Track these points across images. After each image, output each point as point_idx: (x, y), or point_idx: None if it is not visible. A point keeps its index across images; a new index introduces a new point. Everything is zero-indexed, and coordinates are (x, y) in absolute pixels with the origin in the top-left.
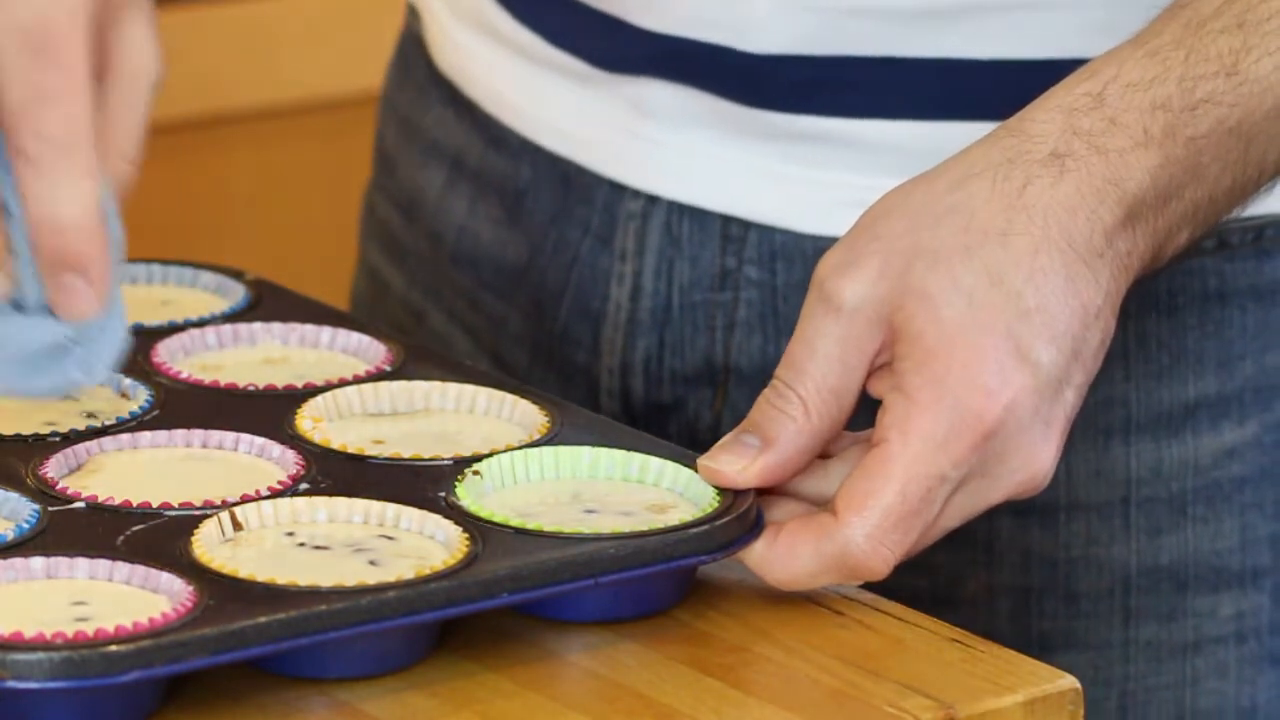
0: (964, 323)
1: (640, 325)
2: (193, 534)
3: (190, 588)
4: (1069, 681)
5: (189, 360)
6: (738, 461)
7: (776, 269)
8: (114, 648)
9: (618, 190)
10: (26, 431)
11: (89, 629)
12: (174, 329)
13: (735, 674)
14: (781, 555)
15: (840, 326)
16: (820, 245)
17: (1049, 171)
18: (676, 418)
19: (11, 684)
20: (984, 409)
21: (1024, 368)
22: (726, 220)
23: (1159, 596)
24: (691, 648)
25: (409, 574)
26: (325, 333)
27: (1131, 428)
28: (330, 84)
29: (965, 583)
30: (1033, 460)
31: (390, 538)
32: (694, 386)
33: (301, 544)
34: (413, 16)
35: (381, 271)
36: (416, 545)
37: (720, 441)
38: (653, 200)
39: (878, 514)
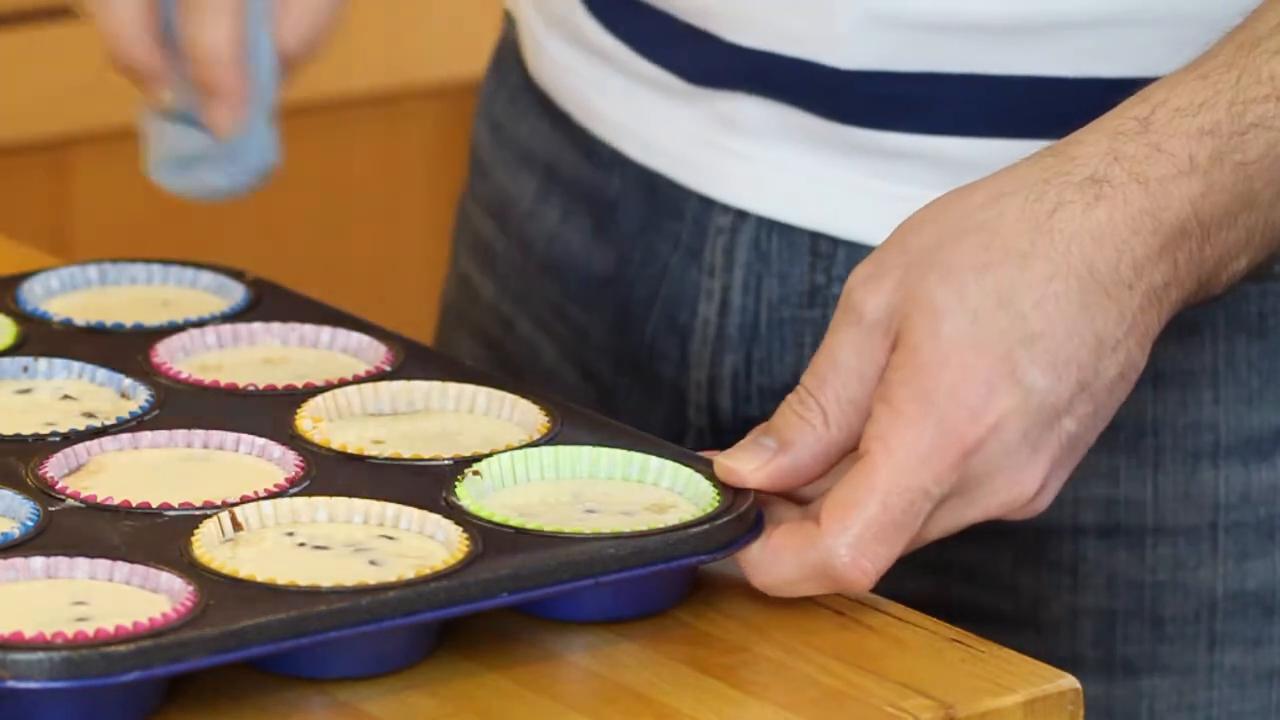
0: (962, 340)
1: (728, 340)
2: (192, 534)
3: (190, 587)
4: (1069, 681)
5: (189, 360)
6: (752, 461)
7: None
8: (114, 648)
9: (706, 204)
10: (26, 432)
11: (89, 629)
12: (174, 329)
13: (735, 674)
14: (767, 560)
15: (859, 337)
16: None
17: (1083, 196)
18: None
19: (12, 684)
20: (967, 429)
21: (1015, 391)
22: (815, 237)
23: (1245, 622)
24: (691, 648)
25: (409, 574)
26: (325, 333)
27: (1220, 451)
28: (334, 84)
29: (1049, 605)
30: (1015, 484)
31: (390, 538)
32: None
33: (301, 544)
34: (509, 24)
35: (473, 278)
36: (417, 545)
37: (740, 442)
38: (742, 215)
39: (859, 525)
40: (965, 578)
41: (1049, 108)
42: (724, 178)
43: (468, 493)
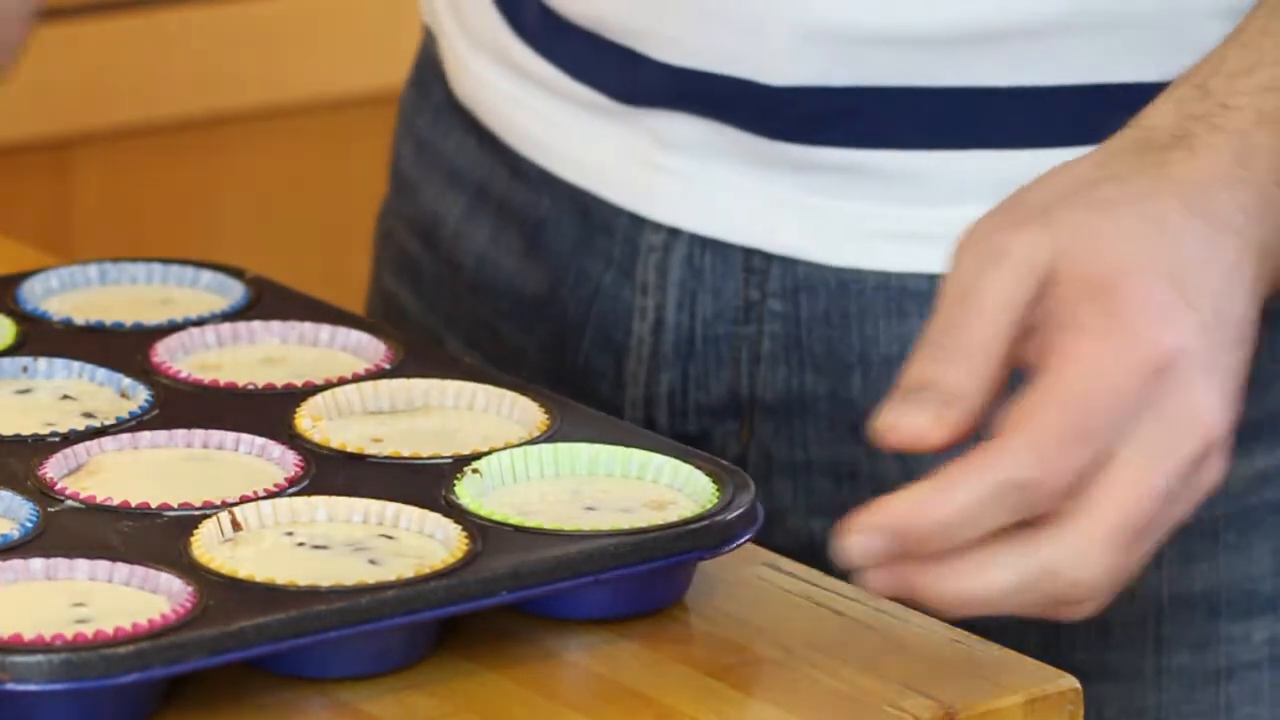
0: (1131, 261)
1: (664, 359)
2: (192, 534)
3: (190, 588)
4: (1069, 681)
5: (188, 359)
6: (921, 416)
7: (800, 301)
8: (113, 649)
9: (638, 223)
10: (26, 432)
11: (88, 630)
12: (173, 328)
13: (735, 674)
14: (939, 488)
15: (1006, 275)
16: (844, 277)
17: (1179, 150)
18: (703, 450)
19: (11, 686)
20: (1157, 341)
21: (1191, 312)
22: (749, 253)
23: (1191, 625)
24: (691, 648)
25: (408, 573)
26: (325, 330)
27: None
28: (332, 85)
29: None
30: (1208, 404)
31: (390, 537)
32: (719, 419)
33: (301, 544)
34: (429, 39)
35: (398, 296)
36: (416, 544)
37: (889, 405)
38: (674, 233)
39: (1048, 434)
40: None
41: (983, 118)
42: (655, 196)
43: (467, 491)
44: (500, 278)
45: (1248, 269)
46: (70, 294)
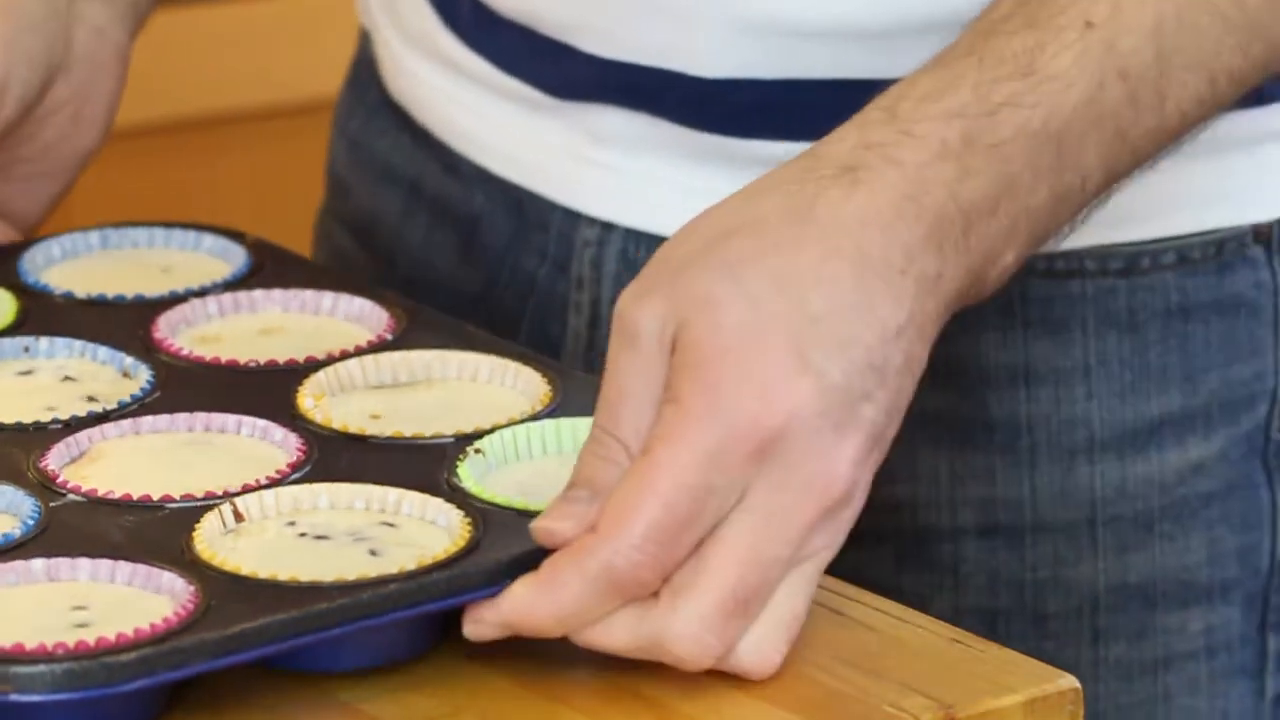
0: (745, 328)
1: (599, 353)
2: (194, 528)
3: (192, 587)
4: (1069, 681)
5: (190, 331)
6: (569, 518)
7: None
8: (115, 657)
9: (572, 217)
10: (27, 419)
11: (90, 635)
12: (175, 299)
13: (735, 674)
14: (544, 588)
15: (640, 358)
16: None
17: (839, 185)
18: None
19: (15, 698)
20: (761, 416)
21: (807, 375)
22: None
23: (1128, 615)
24: None
25: (410, 564)
26: (327, 298)
27: (1095, 447)
28: (330, 85)
29: (930, 606)
30: (827, 468)
31: (391, 524)
32: None
33: (303, 534)
34: (365, 40)
35: None
36: (418, 532)
37: (551, 502)
38: (609, 227)
39: (640, 527)
40: (850, 581)
41: None
42: (589, 190)
43: (469, 473)
44: (436, 275)
45: (909, 306)
46: (72, 262)
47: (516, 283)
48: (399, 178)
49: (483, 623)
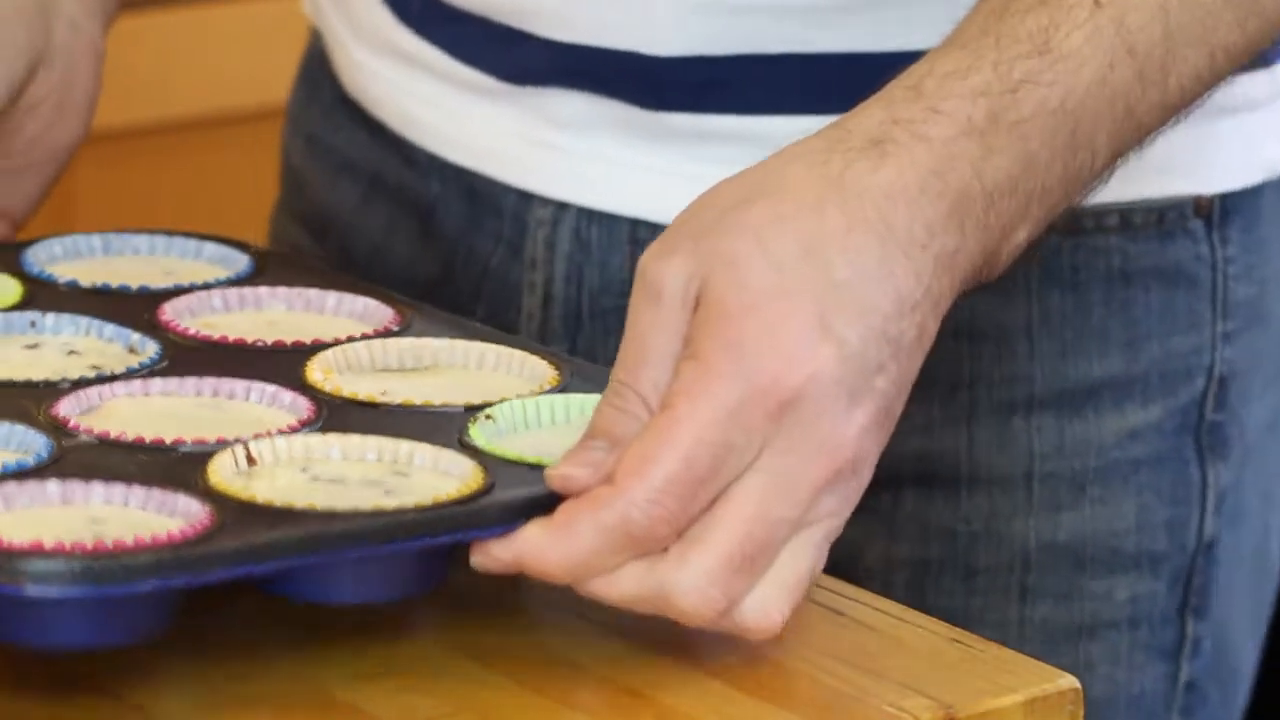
0: (770, 289)
1: (553, 333)
2: (207, 465)
3: (207, 508)
4: (1069, 681)
5: (195, 321)
6: (586, 467)
7: None
8: (133, 558)
9: (525, 199)
10: (37, 378)
11: (108, 540)
12: (180, 290)
13: (735, 674)
14: (558, 534)
15: (662, 314)
16: None
17: (868, 157)
18: None
19: (32, 590)
20: (782, 376)
21: (828, 340)
22: (635, 224)
23: (1057, 575)
24: (691, 648)
25: (426, 503)
26: (331, 297)
27: (1034, 404)
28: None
29: (864, 554)
30: (838, 434)
31: (404, 474)
32: None
33: (316, 478)
34: (316, 37)
35: None
36: (431, 481)
37: (569, 450)
38: (562, 207)
39: (659, 480)
40: None
41: (864, 83)
42: (543, 171)
43: (480, 434)
44: (394, 265)
45: (927, 281)
46: (74, 262)
47: (472, 266)
48: (358, 171)
49: (491, 556)
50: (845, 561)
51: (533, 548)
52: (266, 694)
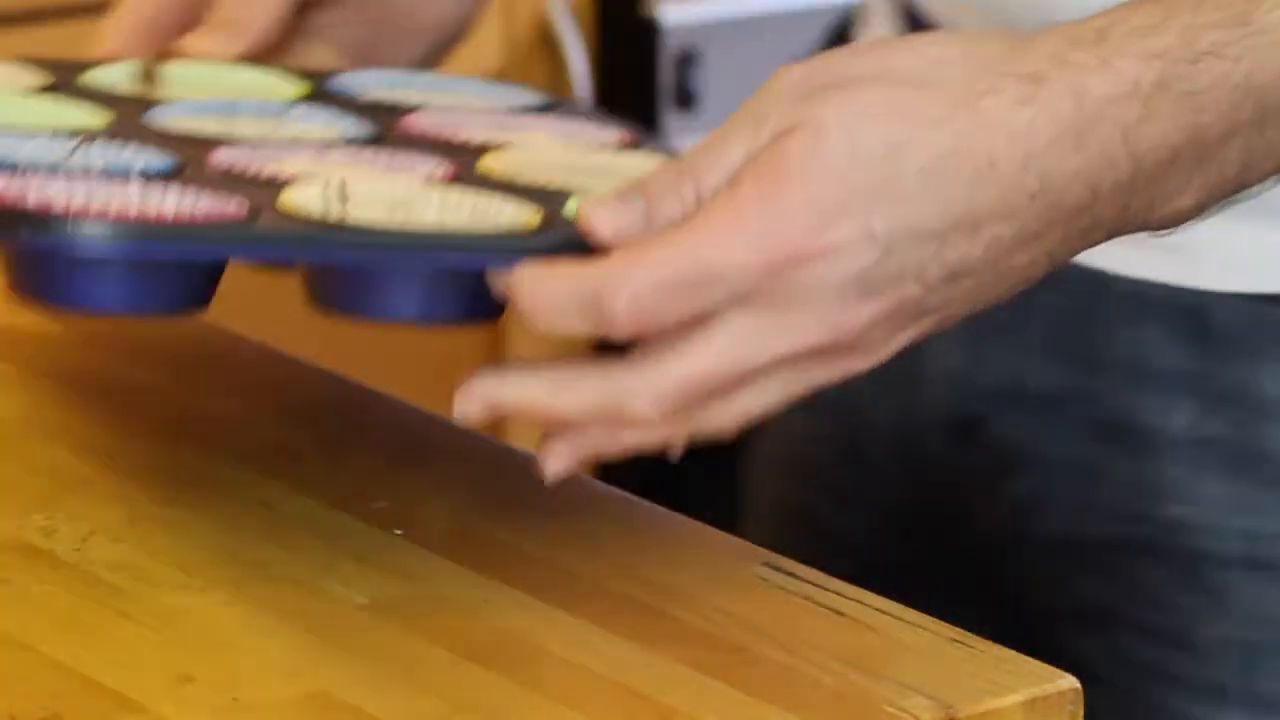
0: (832, 168)
1: None
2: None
3: (248, 203)
4: (1069, 681)
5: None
6: (615, 220)
7: None
8: (182, 225)
9: None
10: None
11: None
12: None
13: (735, 674)
14: (543, 275)
15: (753, 139)
16: None
17: (1016, 90)
18: None
19: (81, 244)
20: (801, 241)
21: (861, 234)
22: None
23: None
24: (691, 648)
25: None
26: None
27: None
28: None
29: (1198, 633)
30: (831, 321)
31: None
32: None
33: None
34: None
35: None
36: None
37: (614, 190)
38: None
39: (644, 270)
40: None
41: None
42: None
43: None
44: None
45: (1025, 222)
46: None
47: None
48: None
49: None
50: (1180, 636)
51: (520, 279)
52: (267, 694)
